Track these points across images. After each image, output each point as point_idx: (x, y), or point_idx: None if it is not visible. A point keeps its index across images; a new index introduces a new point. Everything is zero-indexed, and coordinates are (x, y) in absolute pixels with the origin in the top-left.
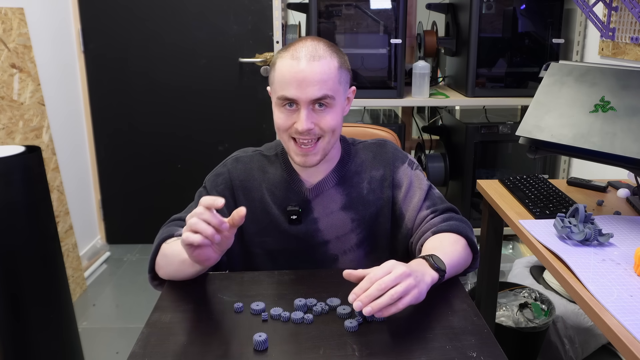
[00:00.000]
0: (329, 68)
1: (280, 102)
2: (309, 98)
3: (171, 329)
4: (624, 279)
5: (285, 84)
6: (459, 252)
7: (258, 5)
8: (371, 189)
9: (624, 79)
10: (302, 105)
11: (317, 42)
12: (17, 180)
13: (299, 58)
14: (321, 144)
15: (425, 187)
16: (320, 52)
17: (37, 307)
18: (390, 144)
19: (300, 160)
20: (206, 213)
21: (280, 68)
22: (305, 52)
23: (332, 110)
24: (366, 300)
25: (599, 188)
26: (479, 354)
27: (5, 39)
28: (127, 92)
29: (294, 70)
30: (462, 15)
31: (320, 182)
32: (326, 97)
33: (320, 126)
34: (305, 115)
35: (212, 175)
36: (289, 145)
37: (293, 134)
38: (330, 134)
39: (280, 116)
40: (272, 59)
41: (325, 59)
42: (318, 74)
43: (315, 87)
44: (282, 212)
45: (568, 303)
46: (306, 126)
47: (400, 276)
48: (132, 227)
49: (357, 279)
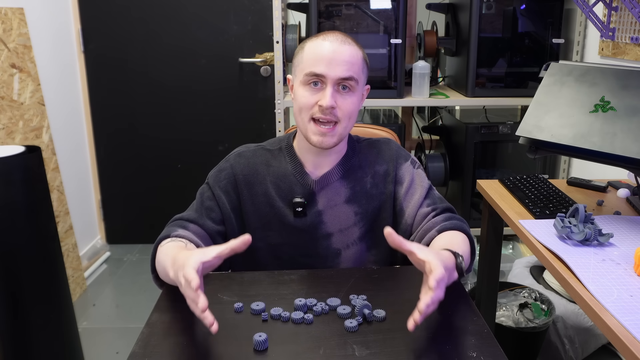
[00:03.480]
0: (356, 54)
1: (307, 80)
2: (337, 76)
3: (171, 329)
4: (624, 279)
5: (315, 61)
6: (467, 253)
7: (258, 5)
8: (374, 184)
9: (624, 79)
10: (329, 82)
11: (345, 35)
12: (17, 180)
13: (330, 40)
14: (338, 128)
15: (426, 186)
16: (349, 40)
17: (37, 307)
18: (394, 143)
19: (318, 140)
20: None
21: (310, 48)
22: (336, 37)
23: (354, 95)
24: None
25: (599, 188)
26: (479, 354)
27: (5, 39)
28: (127, 92)
29: (326, 49)
30: (462, 15)
31: (325, 174)
32: (351, 78)
33: (341, 108)
34: (331, 93)
35: (214, 172)
36: (307, 127)
37: (315, 114)
38: (347, 119)
39: (304, 94)
40: (299, 47)
41: (353, 46)
42: (347, 56)
43: (344, 66)
44: (287, 205)
45: (568, 303)
46: (330, 102)
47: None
48: (132, 227)
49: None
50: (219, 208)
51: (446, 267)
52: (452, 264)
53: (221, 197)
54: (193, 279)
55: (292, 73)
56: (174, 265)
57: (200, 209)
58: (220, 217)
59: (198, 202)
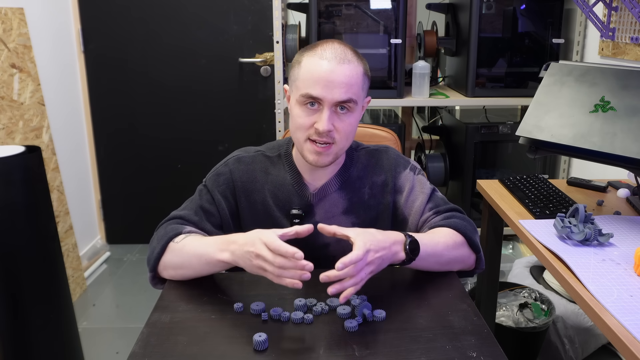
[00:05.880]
0: (356, 73)
1: (303, 100)
2: (335, 99)
3: (171, 329)
4: (624, 279)
5: (312, 82)
6: (446, 245)
7: (258, 5)
8: (372, 194)
9: (624, 79)
10: (326, 105)
11: (345, 47)
12: (17, 180)
13: (328, 59)
14: (334, 148)
15: (428, 191)
16: (348, 56)
17: (37, 307)
18: (393, 151)
19: (313, 159)
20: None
21: (307, 66)
22: (334, 54)
23: (352, 115)
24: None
25: (599, 188)
26: (479, 354)
27: (5, 39)
28: (127, 92)
29: (323, 70)
30: (462, 15)
31: (323, 185)
32: (350, 100)
33: (339, 130)
34: (327, 116)
35: (213, 175)
36: (303, 146)
37: (312, 135)
38: (344, 140)
39: (300, 114)
40: (296, 57)
41: (353, 64)
42: (346, 77)
43: (342, 89)
44: (285, 215)
45: (568, 303)
46: (327, 127)
47: (370, 263)
48: (132, 227)
49: (328, 233)
50: (218, 213)
51: (378, 248)
52: (396, 246)
53: (221, 202)
54: (283, 244)
55: (289, 84)
56: (232, 245)
57: (200, 212)
58: (219, 222)
59: (197, 203)
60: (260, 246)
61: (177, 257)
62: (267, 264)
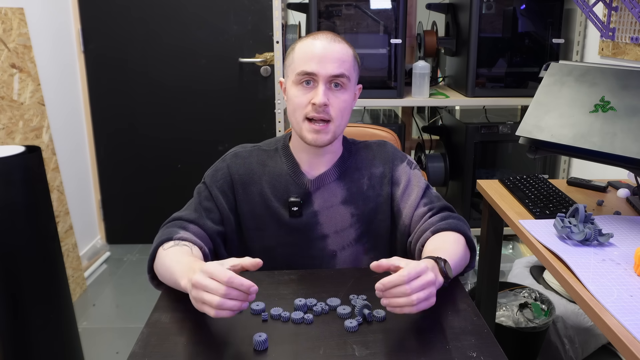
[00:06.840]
0: (347, 51)
1: (299, 79)
2: (329, 73)
3: (171, 329)
4: (624, 279)
5: (306, 60)
6: (461, 253)
7: (258, 5)
8: (371, 185)
9: (624, 79)
10: (321, 80)
11: (335, 34)
12: (17, 180)
13: (320, 39)
14: (331, 126)
15: (423, 185)
16: (339, 38)
17: (37, 307)
18: (390, 145)
19: (312, 138)
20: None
21: (300, 47)
22: (326, 35)
23: (346, 92)
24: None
25: (599, 188)
26: (479, 354)
27: (5, 39)
28: (127, 92)
29: (316, 47)
30: (462, 15)
31: (321, 175)
32: (343, 75)
33: (334, 106)
34: (323, 90)
35: (211, 171)
36: (302, 126)
37: (309, 113)
38: (340, 117)
39: (297, 94)
40: (290, 47)
41: (344, 45)
42: (339, 53)
43: (335, 63)
44: (283, 205)
45: (568, 303)
46: (323, 100)
47: (427, 283)
48: (132, 227)
49: (384, 270)
50: (217, 209)
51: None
52: (435, 271)
53: (219, 197)
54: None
55: (284, 75)
56: (191, 273)
57: (199, 209)
58: (219, 217)
59: (196, 202)
60: (199, 275)
61: (161, 266)
62: (206, 294)
